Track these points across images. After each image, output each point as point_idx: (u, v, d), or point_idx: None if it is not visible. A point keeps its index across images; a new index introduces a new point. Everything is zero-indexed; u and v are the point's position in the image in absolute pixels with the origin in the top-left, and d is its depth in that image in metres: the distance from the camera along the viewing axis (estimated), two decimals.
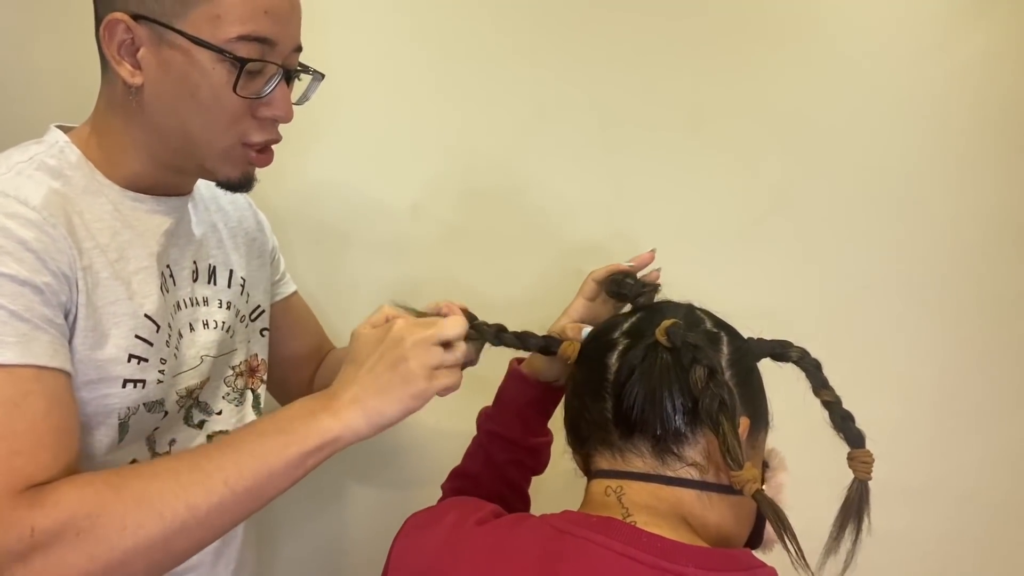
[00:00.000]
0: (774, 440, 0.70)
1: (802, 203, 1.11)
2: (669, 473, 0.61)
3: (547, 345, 0.71)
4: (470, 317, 0.70)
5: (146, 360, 0.69)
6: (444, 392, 0.63)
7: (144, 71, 0.66)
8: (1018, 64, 1.09)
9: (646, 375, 0.61)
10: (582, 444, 0.66)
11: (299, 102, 0.75)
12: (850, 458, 0.65)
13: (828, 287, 1.10)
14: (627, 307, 0.73)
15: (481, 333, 0.69)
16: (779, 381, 0.68)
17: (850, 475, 0.64)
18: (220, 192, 0.86)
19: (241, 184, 0.73)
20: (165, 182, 0.73)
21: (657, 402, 0.61)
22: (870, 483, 0.64)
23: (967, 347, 1.10)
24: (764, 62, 1.10)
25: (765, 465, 0.68)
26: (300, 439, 0.61)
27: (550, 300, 0.71)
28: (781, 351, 0.68)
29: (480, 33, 1.10)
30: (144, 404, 0.70)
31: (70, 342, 0.63)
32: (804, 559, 0.54)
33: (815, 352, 0.66)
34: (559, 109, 1.09)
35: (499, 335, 0.70)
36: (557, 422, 0.72)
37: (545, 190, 1.10)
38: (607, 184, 1.10)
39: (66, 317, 0.63)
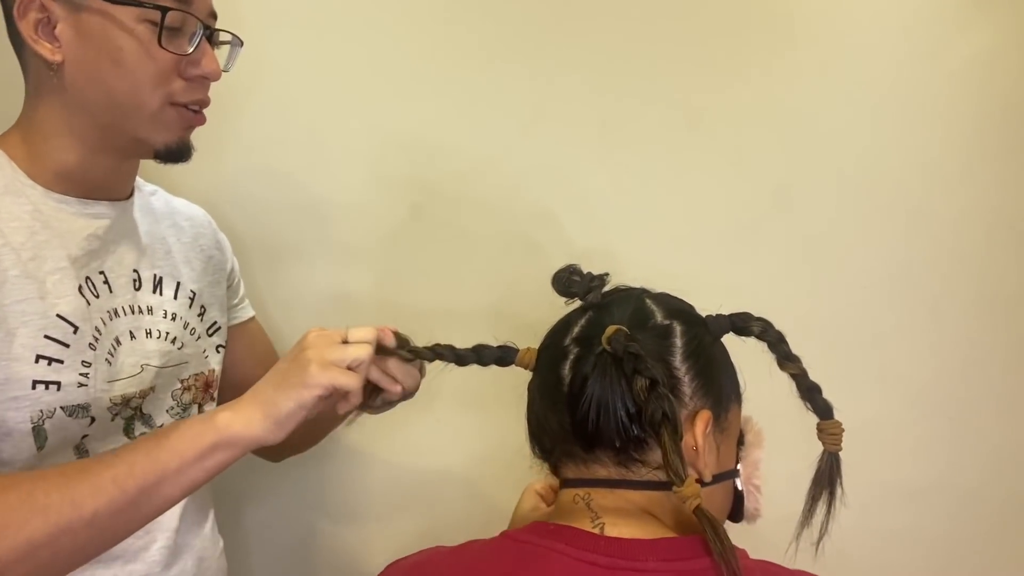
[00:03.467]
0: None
1: (802, 203, 1.09)
2: (635, 478, 0.61)
3: (504, 356, 0.69)
4: (413, 349, 0.69)
5: (60, 361, 0.68)
6: (341, 397, 0.63)
7: (63, 46, 0.66)
8: (1019, 64, 1.06)
9: (597, 386, 0.60)
10: (547, 455, 0.66)
11: (223, 70, 0.75)
12: (819, 430, 0.64)
13: (828, 287, 1.08)
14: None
15: (439, 357, 0.69)
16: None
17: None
18: (179, 208, 0.87)
19: (180, 150, 0.72)
20: (96, 177, 0.73)
21: (611, 414, 0.59)
22: (840, 454, 0.64)
23: (968, 347, 1.08)
24: (764, 62, 1.07)
25: (741, 440, 0.68)
26: (193, 436, 0.60)
27: (547, 303, 0.69)
28: (742, 325, 0.66)
29: (478, 32, 1.07)
30: (62, 408, 0.68)
31: None
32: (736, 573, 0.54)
33: (814, 352, 0.65)
34: (558, 109, 1.08)
35: (454, 353, 0.69)
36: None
37: (543, 191, 1.09)
38: (606, 184, 1.09)
39: None
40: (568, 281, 0.68)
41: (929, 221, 1.08)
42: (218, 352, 0.87)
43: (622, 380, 0.59)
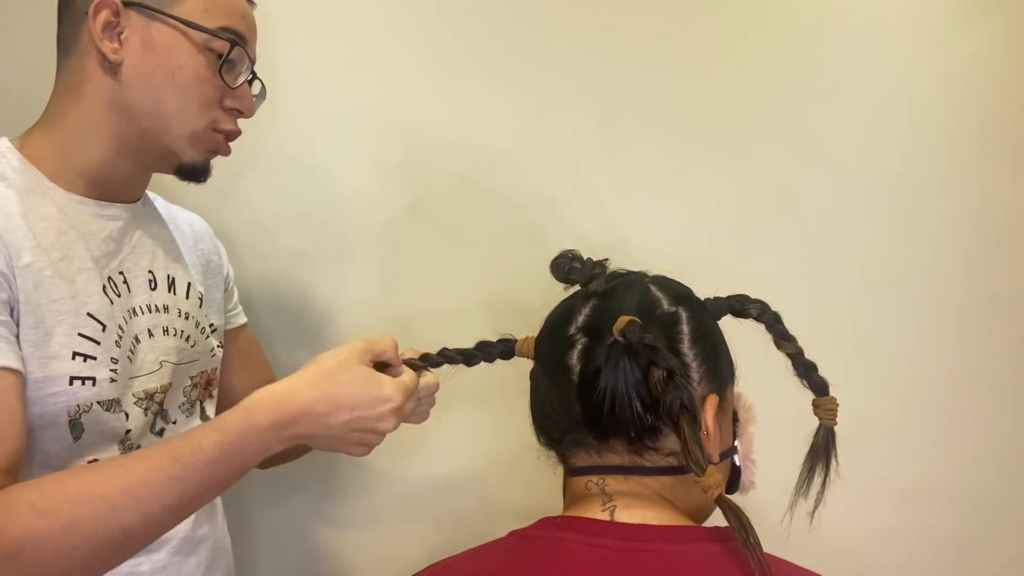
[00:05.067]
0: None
1: (801, 203, 1.09)
2: (648, 464, 0.61)
3: (506, 349, 0.68)
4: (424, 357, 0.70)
5: (94, 358, 0.70)
6: None
7: (124, 50, 0.71)
8: (1019, 64, 1.06)
9: (611, 378, 0.60)
10: (554, 444, 0.66)
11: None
12: (815, 406, 0.66)
13: (828, 287, 1.09)
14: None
15: (449, 361, 0.69)
16: None
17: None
18: (179, 215, 0.90)
19: (202, 170, 0.77)
20: (116, 179, 0.75)
21: (626, 405, 0.59)
22: (835, 428, 0.67)
23: (967, 347, 1.09)
24: (763, 61, 1.07)
25: (735, 417, 0.69)
26: (243, 465, 0.63)
27: (547, 294, 0.68)
28: (740, 308, 0.67)
29: (478, 31, 1.07)
30: (99, 403, 0.70)
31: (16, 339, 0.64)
32: (764, 564, 0.55)
33: (817, 352, 0.65)
34: (558, 108, 1.07)
35: (462, 354, 0.68)
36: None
37: (543, 190, 1.08)
38: (606, 183, 1.08)
39: (11, 314, 0.64)
40: (568, 268, 0.66)
41: (929, 220, 1.08)
42: (219, 350, 0.89)
43: (636, 371, 0.59)
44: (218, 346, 0.89)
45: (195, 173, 0.76)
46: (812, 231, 1.09)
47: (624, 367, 0.59)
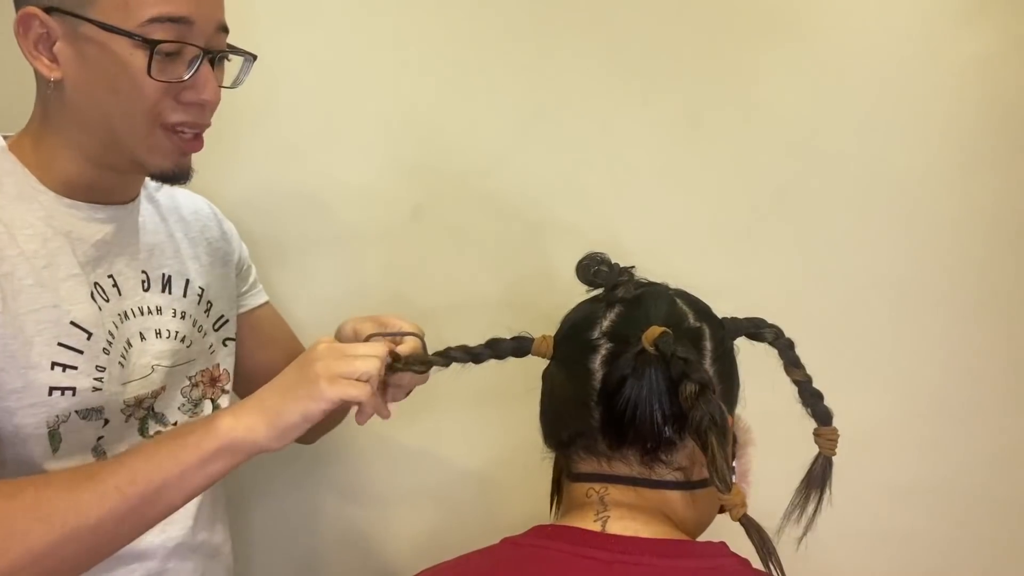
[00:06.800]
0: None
1: (803, 203, 1.08)
2: (655, 477, 0.61)
3: (519, 347, 0.67)
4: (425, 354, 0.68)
5: (74, 368, 0.68)
6: (353, 406, 0.63)
7: (62, 65, 0.65)
8: (1020, 63, 1.06)
9: (636, 387, 0.59)
10: (562, 448, 0.65)
11: (232, 85, 0.74)
12: (817, 435, 0.67)
13: (829, 287, 1.08)
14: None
15: (449, 359, 0.66)
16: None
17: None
18: (183, 202, 0.85)
19: (176, 175, 0.71)
20: (102, 185, 0.72)
21: (648, 415, 0.59)
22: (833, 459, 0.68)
23: (969, 347, 1.09)
24: (764, 61, 1.05)
25: (735, 440, 0.70)
26: (196, 442, 0.60)
27: (547, 300, 0.68)
28: (755, 331, 0.67)
29: (480, 32, 1.05)
30: (77, 412, 0.69)
31: None
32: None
33: (818, 353, 0.66)
34: (557, 108, 1.05)
35: (469, 353, 0.66)
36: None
37: (543, 190, 1.07)
38: (606, 184, 1.07)
39: None
40: (595, 271, 0.65)
41: (931, 221, 1.08)
42: (225, 346, 0.86)
43: (661, 382, 0.59)
44: (224, 341, 0.85)
45: (169, 179, 0.71)
46: (811, 232, 1.08)
47: (650, 377, 0.59)
